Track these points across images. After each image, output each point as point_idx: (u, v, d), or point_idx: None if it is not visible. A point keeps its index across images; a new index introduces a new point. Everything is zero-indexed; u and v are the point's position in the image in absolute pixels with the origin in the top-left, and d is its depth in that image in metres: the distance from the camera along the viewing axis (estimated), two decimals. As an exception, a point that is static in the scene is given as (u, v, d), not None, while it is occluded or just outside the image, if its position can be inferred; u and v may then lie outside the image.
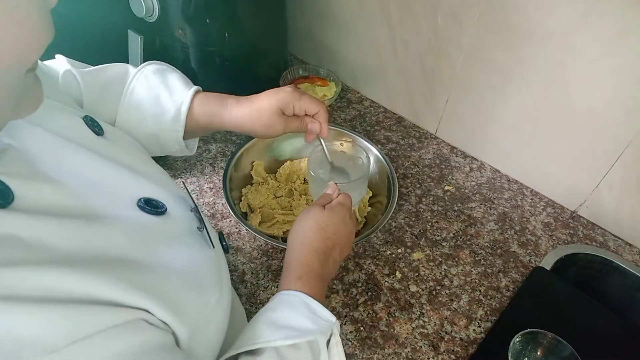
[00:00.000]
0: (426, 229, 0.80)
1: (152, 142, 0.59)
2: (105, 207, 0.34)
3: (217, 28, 0.85)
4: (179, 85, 0.60)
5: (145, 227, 0.37)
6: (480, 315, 0.68)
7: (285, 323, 0.41)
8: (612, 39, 0.65)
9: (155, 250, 0.35)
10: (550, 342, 0.61)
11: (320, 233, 0.51)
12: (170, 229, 0.40)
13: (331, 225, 0.52)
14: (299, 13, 1.09)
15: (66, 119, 0.39)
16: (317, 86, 1.06)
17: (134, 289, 0.29)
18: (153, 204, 0.39)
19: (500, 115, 0.85)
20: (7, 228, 0.26)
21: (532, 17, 0.71)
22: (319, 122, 0.63)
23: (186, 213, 0.44)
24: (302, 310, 0.43)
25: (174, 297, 0.32)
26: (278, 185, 0.84)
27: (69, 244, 0.29)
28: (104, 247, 0.31)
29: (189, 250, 0.40)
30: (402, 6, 0.87)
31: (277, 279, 0.71)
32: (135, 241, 0.34)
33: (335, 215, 0.54)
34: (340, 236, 0.53)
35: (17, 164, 0.31)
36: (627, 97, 0.68)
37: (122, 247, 0.32)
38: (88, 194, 0.34)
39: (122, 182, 0.39)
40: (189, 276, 0.37)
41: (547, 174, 0.85)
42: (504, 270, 0.74)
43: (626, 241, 0.80)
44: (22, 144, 0.32)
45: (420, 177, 0.89)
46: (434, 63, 0.89)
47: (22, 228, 0.27)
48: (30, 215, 0.28)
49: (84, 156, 0.37)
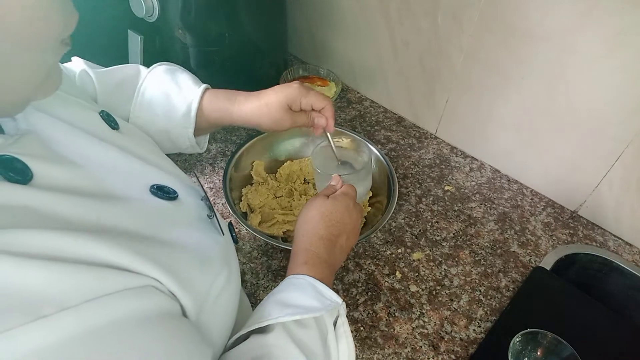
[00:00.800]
0: (426, 229, 0.80)
1: (163, 138, 0.62)
2: (119, 189, 0.36)
3: (217, 28, 0.85)
4: (189, 84, 0.62)
5: (157, 209, 0.38)
6: (480, 315, 0.68)
7: (292, 302, 0.43)
8: (612, 39, 0.65)
9: (165, 229, 0.36)
10: (550, 342, 0.61)
11: (324, 221, 0.53)
12: (181, 214, 0.41)
13: (335, 213, 0.54)
14: (299, 13, 1.09)
15: (83, 112, 0.41)
16: (317, 86, 1.06)
17: (144, 259, 0.30)
18: (165, 190, 0.40)
19: (501, 115, 0.85)
20: (24, 201, 0.28)
21: (532, 17, 0.71)
22: (326, 117, 0.64)
23: (196, 201, 0.45)
24: (309, 291, 0.44)
25: (182, 271, 0.33)
26: (278, 185, 0.84)
27: (82, 218, 0.30)
28: (116, 223, 0.32)
29: (199, 233, 0.41)
30: (402, 6, 0.87)
31: (277, 279, 0.71)
32: (147, 220, 0.35)
33: (338, 204, 0.55)
34: (345, 223, 0.54)
35: (36, 147, 0.32)
36: (627, 97, 0.68)
37: (134, 224, 0.34)
38: (103, 177, 0.36)
39: (135, 170, 0.40)
40: (197, 255, 0.38)
41: (547, 174, 0.85)
42: (504, 270, 0.74)
43: (626, 241, 0.80)
44: (41, 131, 0.34)
45: (420, 177, 0.89)
46: (434, 63, 0.89)
47: (39, 202, 0.28)
48: (48, 192, 0.29)
49: (99, 146, 0.39)
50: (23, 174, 0.29)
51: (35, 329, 0.22)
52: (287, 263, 0.73)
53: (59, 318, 0.23)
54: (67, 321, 0.24)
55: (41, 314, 0.23)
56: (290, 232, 0.75)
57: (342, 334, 0.43)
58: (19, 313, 0.22)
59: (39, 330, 0.22)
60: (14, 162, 0.29)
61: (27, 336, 0.22)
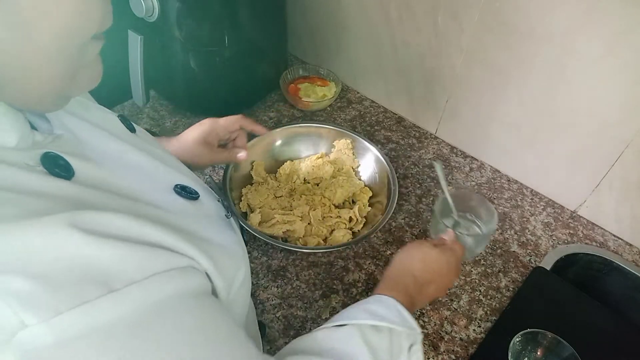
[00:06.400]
0: (426, 229, 0.80)
1: None
2: (146, 189, 0.37)
3: (217, 28, 0.85)
4: None
5: (183, 208, 0.40)
6: (480, 315, 0.68)
7: (375, 312, 0.46)
8: (612, 39, 0.65)
9: (192, 226, 0.38)
10: (550, 342, 0.61)
11: (422, 264, 0.55)
12: (203, 213, 0.43)
13: (435, 262, 0.56)
14: (299, 13, 1.09)
15: (105, 115, 0.43)
16: (317, 86, 1.06)
17: (185, 240, 0.32)
18: (187, 190, 0.42)
19: (501, 115, 0.85)
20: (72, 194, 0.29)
21: (532, 17, 0.71)
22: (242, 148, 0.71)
23: (214, 202, 0.47)
24: (393, 310, 0.47)
25: (215, 256, 0.35)
26: (278, 185, 0.84)
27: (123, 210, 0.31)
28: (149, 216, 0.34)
29: (221, 230, 0.43)
30: (402, 6, 0.87)
31: (277, 279, 0.71)
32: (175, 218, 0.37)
33: (442, 256, 0.56)
34: (440, 275, 0.55)
35: (72, 146, 0.33)
36: (627, 97, 0.68)
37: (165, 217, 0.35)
38: (131, 177, 0.37)
39: (157, 171, 0.42)
40: (224, 247, 0.40)
41: (547, 174, 0.85)
42: (504, 270, 0.74)
43: (626, 241, 0.80)
44: (73, 132, 0.35)
45: (420, 177, 0.89)
46: (434, 63, 0.89)
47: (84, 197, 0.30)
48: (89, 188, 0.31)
49: (124, 147, 0.40)
50: (67, 171, 0.30)
51: (107, 302, 0.24)
52: (287, 263, 0.73)
53: (127, 292, 0.25)
54: (134, 295, 0.26)
55: (112, 287, 0.25)
56: (290, 232, 0.76)
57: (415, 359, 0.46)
58: (93, 286, 0.24)
59: (111, 303, 0.24)
60: (58, 159, 0.30)
61: (101, 309, 0.24)
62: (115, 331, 0.24)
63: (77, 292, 0.24)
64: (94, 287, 0.24)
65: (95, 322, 0.24)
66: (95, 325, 0.24)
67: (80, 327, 0.23)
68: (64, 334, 0.23)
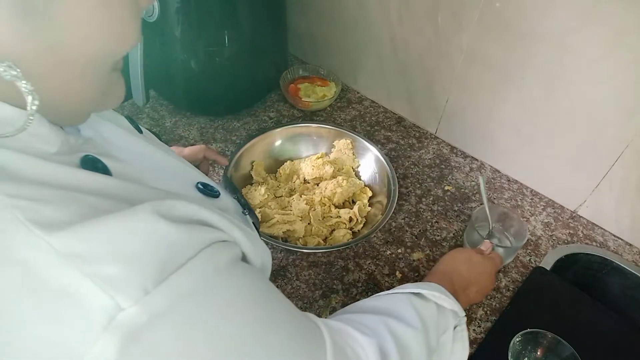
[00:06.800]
0: (426, 229, 0.80)
1: None
2: (173, 187, 0.38)
3: (217, 28, 0.85)
4: None
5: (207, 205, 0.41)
6: (480, 315, 0.68)
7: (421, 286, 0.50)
8: (611, 39, 0.65)
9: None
10: (550, 342, 0.61)
11: (468, 265, 0.59)
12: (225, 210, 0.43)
13: (480, 266, 0.59)
14: (299, 13, 1.09)
15: (115, 115, 0.44)
16: (317, 86, 1.06)
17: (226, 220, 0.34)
18: (209, 187, 0.43)
19: (500, 115, 0.85)
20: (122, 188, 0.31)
21: (532, 17, 0.71)
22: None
23: (231, 199, 0.48)
24: (440, 290, 0.50)
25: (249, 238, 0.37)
26: (278, 185, 0.84)
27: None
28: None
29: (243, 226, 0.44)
30: (402, 6, 0.87)
31: (277, 279, 0.71)
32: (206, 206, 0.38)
33: (487, 263, 0.61)
34: (483, 280, 0.59)
35: (103, 148, 0.35)
36: (627, 97, 0.68)
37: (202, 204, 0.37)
38: (157, 175, 0.38)
39: (178, 169, 0.43)
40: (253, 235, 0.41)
41: (547, 174, 0.85)
42: (504, 270, 0.74)
43: (626, 241, 0.80)
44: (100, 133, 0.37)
45: (420, 177, 0.89)
46: (434, 63, 0.89)
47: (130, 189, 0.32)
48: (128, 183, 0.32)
49: (146, 147, 0.41)
50: (106, 171, 0.31)
51: (180, 276, 0.27)
52: (286, 263, 0.73)
53: (192, 265, 0.28)
54: (200, 266, 0.28)
55: (180, 263, 0.27)
56: (290, 232, 0.76)
57: (460, 337, 0.49)
58: (169, 264, 0.27)
59: (183, 276, 0.27)
60: (96, 161, 0.31)
61: (177, 283, 0.26)
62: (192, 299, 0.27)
63: (159, 271, 0.26)
64: (169, 265, 0.27)
65: (175, 294, 0.26)
66: (176, 297, 0.26)
67: (166, 302, 0.25)
68: (155, 309, 0.25)
